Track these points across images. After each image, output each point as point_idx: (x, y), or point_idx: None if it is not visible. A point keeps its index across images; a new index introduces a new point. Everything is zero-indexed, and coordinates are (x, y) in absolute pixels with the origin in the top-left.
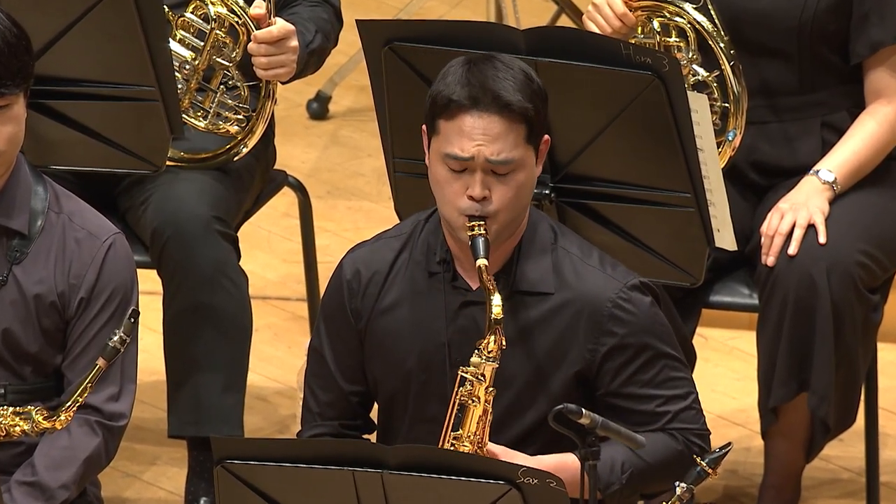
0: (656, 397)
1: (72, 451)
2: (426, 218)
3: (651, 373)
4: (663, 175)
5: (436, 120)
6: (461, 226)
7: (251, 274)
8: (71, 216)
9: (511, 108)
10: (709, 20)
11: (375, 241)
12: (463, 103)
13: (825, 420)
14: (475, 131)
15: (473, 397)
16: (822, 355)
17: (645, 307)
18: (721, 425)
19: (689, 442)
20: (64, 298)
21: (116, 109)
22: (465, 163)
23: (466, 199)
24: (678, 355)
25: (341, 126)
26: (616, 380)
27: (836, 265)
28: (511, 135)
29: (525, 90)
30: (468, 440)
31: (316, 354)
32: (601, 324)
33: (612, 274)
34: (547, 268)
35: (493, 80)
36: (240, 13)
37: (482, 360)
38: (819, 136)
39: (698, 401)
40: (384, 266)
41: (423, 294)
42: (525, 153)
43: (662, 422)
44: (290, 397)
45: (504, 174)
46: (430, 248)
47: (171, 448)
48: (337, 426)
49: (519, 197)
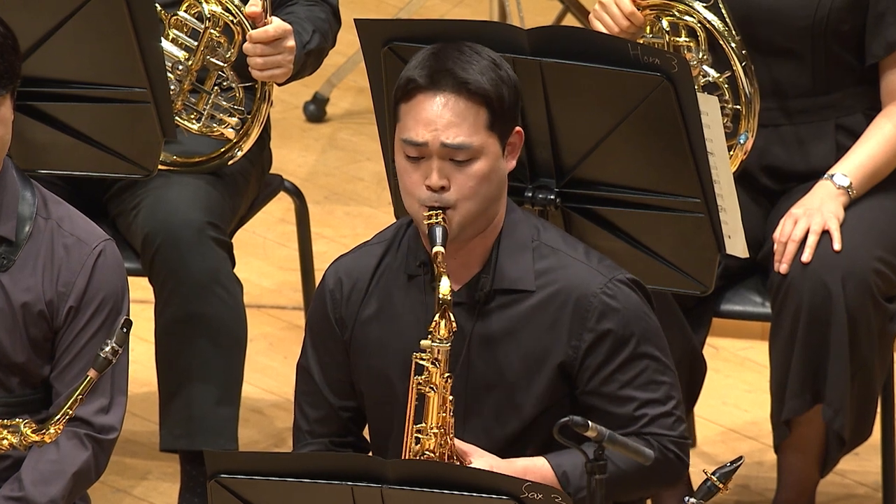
0: (634, 399)
1: (60, 466)
2: (409, 222)
3: (631, 372)
4: (672, 180)
5: (398, 105)
6: (421, 217)
7: (246, 282)
8: (60, 222)
9: (468, 86)
10: (720, 19)
11: (358, 249)
12: (419, 83)
13: (840, 433)
14: (431, 113)
15: (431, 384)
16: (836, 366)
17: (632, 302)
18: (732, 438)
19: (665, 449)
20: (52, 307)
21: (107, 112)
22: (421, 149)
23: (425, 189)
24: (664, 358)
25: (339, 129)
26: (595, 377)
27: (852, 273)
28: (469, 118)
29: (488, 73)
30: (432, 433)
31: (303, 371)
32: (585, 318)
33: (597, 267)
34: (527, 265)
35: (454, 62)
36: (235, 12)
37: (434, 343)
38: (833, 139)
39: (680, 407)
40: (366, 273)
41: (404, 298)
42: (486, 140)
43: (638, 425)
44: (286, 409)
45: (463, 161)
46: (410, 251)
47: (162, 462)
48: (327, 443)
49: (481, 187)
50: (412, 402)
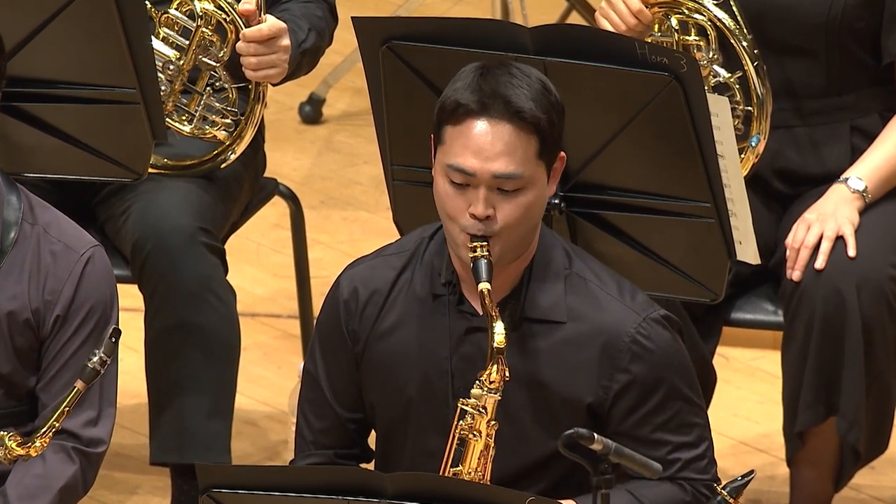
0: (667, 443)
1: (47, 480)
2: (431, 235)
3: (665, 415)
4: (681, 183)
5: (442, 127)
6: (462, 244)
7: (239, 289)
8: (46, 227)
9: (522, 116)
10: (730, 17)
11: (375, 257)
12: (471, 108)
13: (855, 446)
14: (481, 140)
15: (474, 431)
16: (851, 377)
17: (666, 343)
18: (743, 452)
19: (698, 493)
20: (38, 316)
21: (95, 113)
22: (469, 177)
23: (469, 217)
24: (696, 399)
25: (336, 131)
26: (627, 420)
27: (867, 280)
28: (521, 147)
29: (540, 100)
30: (468, 476)
31: (310, 378)
32: (617, 359)
33: (631, 305)
34: (559, 295)
35: (505, 87)
36: (228, 9)
37: (483, 391)
38: (848, 141)
39: (712, 448)
40: (384, 285)
41: (426, 318)
42: (536, 170)
43: (672, 470)
44: (281, 422)
45: (511, 191)
46: (434, 269)
47: (153, 476)
48: (332, 455)
49: (527, 218)
50: (453, 445)
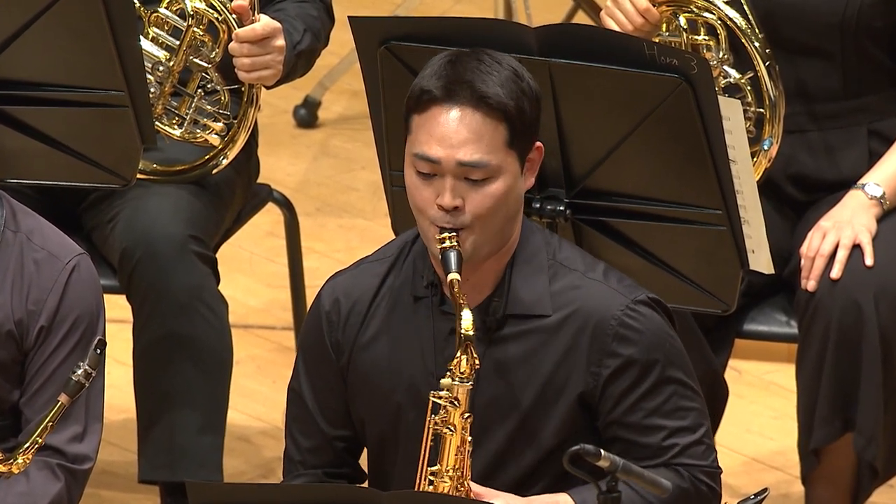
0: (662, 428)
1: (31, 498)
2: (414, 238)
3: (658, 400)
4: (691, 190)
5: (409, 116)
6: (432, 237)
7: (231, 300)
8: (30, 235)
9: (488, 101)
10: (741, 16)
11: (357, 266)
12: (435, 95)
13: (873, 463)
14: (446, 127)
15: (449, 425)
16: (868, 391)
17: (654, 325)
18: (757, 469)
19: (697, 480)
20: (22, 327)
21: (81, 116)
22: (435, 166)
23: (437, 209)
24: (690, 382)
25: (332, 135)
26: (619, 406)
27: (885, 290)
28: (487, 134)
29: (509, 86)
30: (447, 475)
31: (295, 395)
32: (605, 344)
33: (617, 288)
34: (543, 287)
35: (472, 72)
36: (220, 8)
37: (455, 381)
38: (865, 145)
39: (710, 434)
40: (367, 294)
41: (409, 321)
42: (505, 159)
43: (668, 456)
44: (275, 437)
45: (479, 181)
46: (416, 271)
47: (141, 494)
48: (321, 475)
49: (498, 208)
50: (427, 442)
